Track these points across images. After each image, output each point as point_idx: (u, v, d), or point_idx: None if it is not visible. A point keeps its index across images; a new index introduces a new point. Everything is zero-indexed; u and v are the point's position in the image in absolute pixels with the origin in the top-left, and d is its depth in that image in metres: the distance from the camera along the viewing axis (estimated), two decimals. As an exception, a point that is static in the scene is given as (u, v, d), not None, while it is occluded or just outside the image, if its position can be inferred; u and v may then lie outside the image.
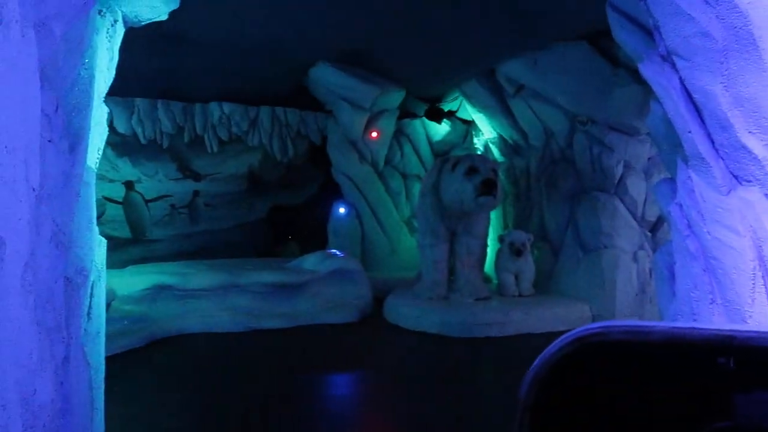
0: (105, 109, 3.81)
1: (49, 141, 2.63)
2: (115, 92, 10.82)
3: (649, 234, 8.39)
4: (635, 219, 8.28)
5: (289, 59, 9.43)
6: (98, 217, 9.22)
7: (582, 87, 8.18)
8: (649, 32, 3.17)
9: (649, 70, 2.99)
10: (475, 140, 11.87)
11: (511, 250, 8.91)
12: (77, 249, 3.20)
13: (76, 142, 3.07)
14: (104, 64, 3.75)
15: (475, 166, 8.29)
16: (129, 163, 11.13)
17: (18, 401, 1.62)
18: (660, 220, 8.26)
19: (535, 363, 0.84)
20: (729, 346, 0.77)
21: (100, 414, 3.74)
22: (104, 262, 3.78)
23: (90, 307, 3.55)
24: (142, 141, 10.95)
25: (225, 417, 5.05)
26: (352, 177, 11.73)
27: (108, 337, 6.96)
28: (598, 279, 8.22)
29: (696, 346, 0.79)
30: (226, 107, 11.08)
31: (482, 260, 9.23)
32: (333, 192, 12.23)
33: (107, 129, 3.92)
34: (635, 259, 8.19)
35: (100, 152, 3.75)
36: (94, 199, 3.39)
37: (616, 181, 8.27)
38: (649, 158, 8.33)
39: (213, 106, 11.08)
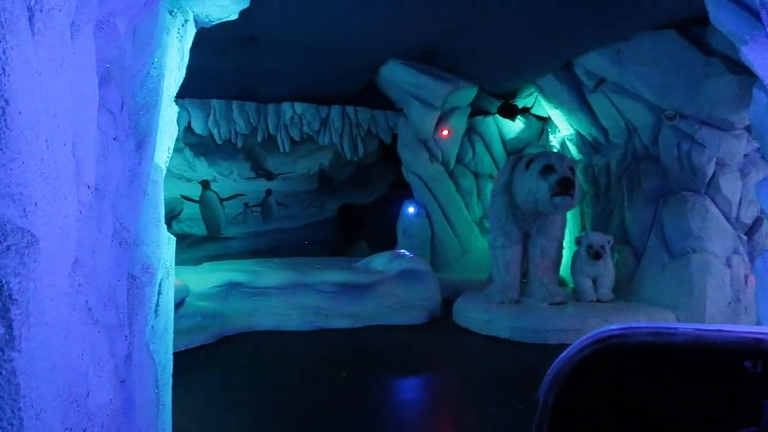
0: (175, 109, 3.82)
1: (114, 139, 2.61)
2: (192, 94, 11.22)
3: (744, 237, 7.72)
4: (729, 221, 7.63)
5: (360, 58, 9.38)
6: (176, 216, 9.53)
7: (670, 79, 7.61)
8: (754, 12, 2.81)
9: (753, 53, 2.64)
10: (551, 137, 11.39)
11: (588, 252, 8.45)
12: (144, 247, 3.19)
13: (143, 140, 3.06)
14: (174, 64, 3.76)
15: (551, 164, 7.91)
16: (205, 162, 11.43)
17: (69, 404, 1.56)
18: (758, 222, 7.57)
19: (554, 364, 0.81)
20: (756, 349, 0.74)
21: (167, 410, 3.75)
22: (173, 259, 3.78)
23: (157, 304, 3.57)
24: (218, 141, 11.22)
25: (290, 416, 5.01)
26: (423, 176, 11.56)
27: (180, 332, 7.12)
28: (686, 285, 7.62)
29: (722, 348, 0.76)
30: (298, 107, 11.17)
31: (557, 263, 8.82)
32: (403, 191, 12.08)
33: (177, 128, 3.93)
34: (728, 264, 7.55)
35: (170, 151, 3.76)
36: (161, 198, 3.38)
37: (707, 180, 7.65)
38: (745, 155, 7.66)
39: (285, 106, 11.20)
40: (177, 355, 6.64)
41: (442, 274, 10.44)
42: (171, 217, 11.31)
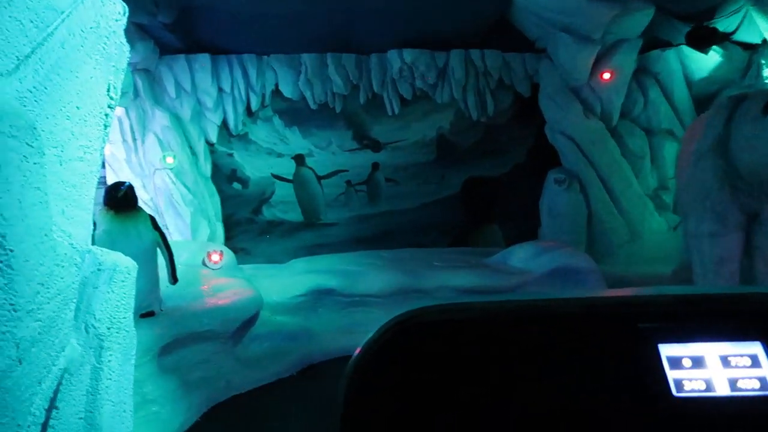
0: None
1: None
2: (277, 48, 9.20)
3: None
4: None
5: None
6: (266, 199, 7.62)
7: None
8: None
9: None
10: (766, 72, 7.98)
11: None
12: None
13: None
14: None
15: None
16: (298, 133, 9.51)
17: None
18: None
19: (356, 351, 0.88)
20: (536, 315, 0.89)
21: None
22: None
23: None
24: (312, 106, 9.32)
25: None
26: (574, 137, 8.77)
27: (249, 362, 4.99)
28: None
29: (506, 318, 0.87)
30: (408, 55, 8.85)
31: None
32: (547, 158, 9.39)
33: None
34: None
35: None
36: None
37: None
38: None
39: (392, 55, 8.96)
40: (240, 398, 5.04)
41: (604, 267, 7.70)
42: (261, 201, 9.53)
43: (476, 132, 10.04)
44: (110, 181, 7.43)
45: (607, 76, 8.46)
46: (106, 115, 2.29)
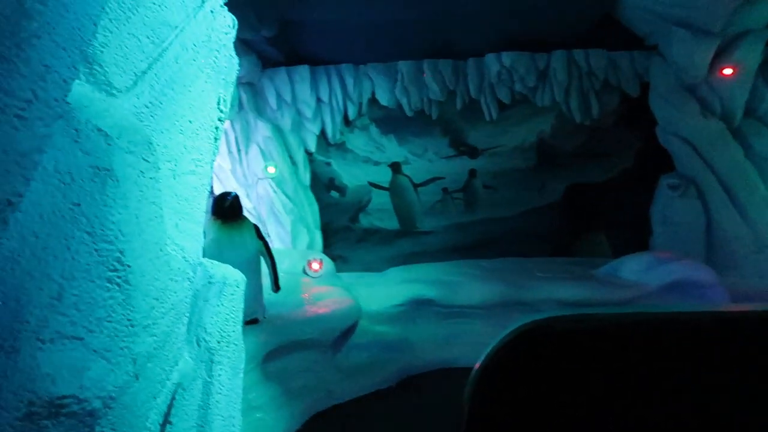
0: None
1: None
2: (374, 57, 9.27)
3: None
4: None
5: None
6: (363, 207, 7.81)
7: None
8: None
9: None
10: None
11: None
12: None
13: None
14: None
15: None
16: (395, 140, 9.49)
17: None
18: None
19: (479, 361, 0.83)
20: (685, 329, 0.81)
21: None
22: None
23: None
24: (408, 113, 9.27)
25: None
26: (691, 138, 8.10)
27: (349, 372, 4.99)
28: None
29: (647, 331, 0.81)
30: (507, 58, 8.57)
31: None
32: (658, 162, 8.74)
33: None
34: None
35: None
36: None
37: None
38: None
39: (490, 59, 8.71)
40: (341, 408, 5.02)
41: (727, 280, 7.01)
42: (358, 209, 9.60)
43: (579, 136, 9.57)
44: (217, 191, 7.76)
45: (728, 71, 7.75)
46: (217, 128, 2.31)
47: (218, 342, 2.12)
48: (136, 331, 1.61)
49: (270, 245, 5.51)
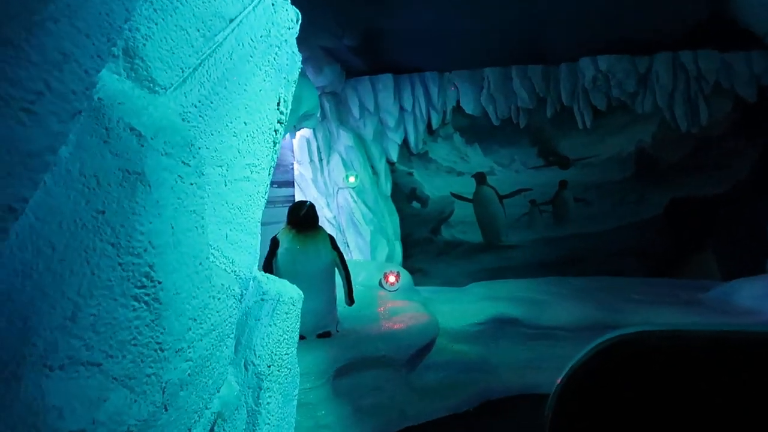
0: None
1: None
2: (459, 64, 8.95)
3: None
4: None
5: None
6: (445, 218, 7.63)
7: None
8: None
9: None
10: None
11: None
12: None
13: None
14: None
15: None
16: (480, 150, 9.15)
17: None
18: None
19: (564, 372, 0.80)
20: None
21: None
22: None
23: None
24: (495, 122, 8.91)
25: None
26: (819, 148, 7.17)
27: (424, 392, 4.77)
28: None
29: (744, 349, 0.76)
30: (603, 62, 8.01)
31: None
32: (778, 175, 7.83)
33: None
34: None
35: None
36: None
37: None
38: None
39: (584, 63, 8.20)
40: (411, 431, 4.74)
41: None
42: (440, 221, 9.31)
43: (684, 145, 8.75)
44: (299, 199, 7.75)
45: None
46: (276, 131, 2.12)
47: (268, 366, 1.92)
48: (167, 355, 1.43)
49: (347, 256, 5.36)
